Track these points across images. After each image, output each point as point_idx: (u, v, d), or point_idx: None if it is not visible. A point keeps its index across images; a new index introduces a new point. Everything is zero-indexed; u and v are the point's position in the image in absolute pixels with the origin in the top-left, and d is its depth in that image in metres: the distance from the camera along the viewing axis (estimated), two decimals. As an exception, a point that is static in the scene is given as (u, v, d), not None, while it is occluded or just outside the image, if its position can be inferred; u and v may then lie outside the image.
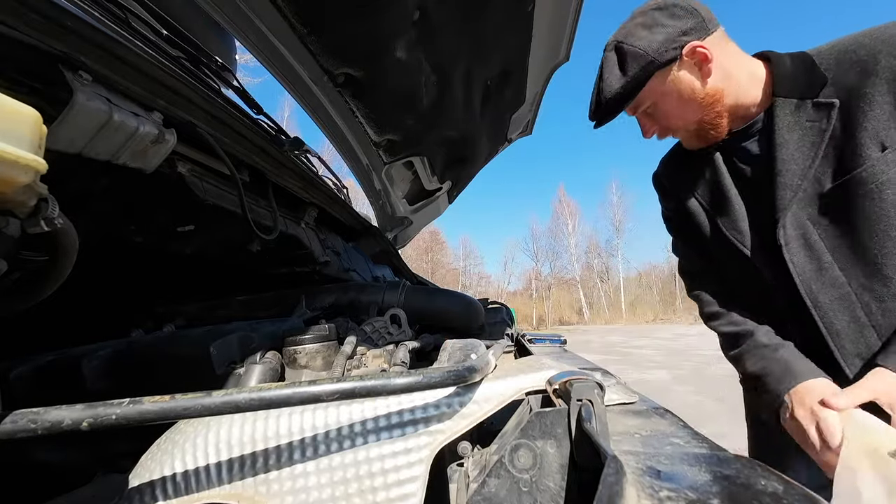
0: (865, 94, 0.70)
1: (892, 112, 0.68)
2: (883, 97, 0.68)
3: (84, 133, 0.48)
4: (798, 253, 0.77)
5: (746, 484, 0.26)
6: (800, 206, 0.77)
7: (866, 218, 0.71)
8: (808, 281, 0.77)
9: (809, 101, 0.75)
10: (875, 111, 0.69)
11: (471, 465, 0.51)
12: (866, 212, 0.71)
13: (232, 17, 1.15)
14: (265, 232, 0.88)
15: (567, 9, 1.33)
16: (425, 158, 2.01)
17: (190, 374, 0.61)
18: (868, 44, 0.71)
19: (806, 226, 0.77)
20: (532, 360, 0.55)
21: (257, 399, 0.34)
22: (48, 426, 0.31)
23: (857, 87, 0.71)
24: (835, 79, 0.73)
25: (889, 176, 0.69)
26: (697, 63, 0.79)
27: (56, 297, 0.44)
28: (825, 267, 0.76)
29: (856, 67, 0.71)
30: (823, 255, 0.76)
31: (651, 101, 0.84)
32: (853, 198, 0.72)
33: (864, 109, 0.70)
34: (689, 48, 0.78)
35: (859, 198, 0.71)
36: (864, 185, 0.70)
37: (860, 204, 0.71)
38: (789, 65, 0.79)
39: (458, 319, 1.02)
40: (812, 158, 0.75)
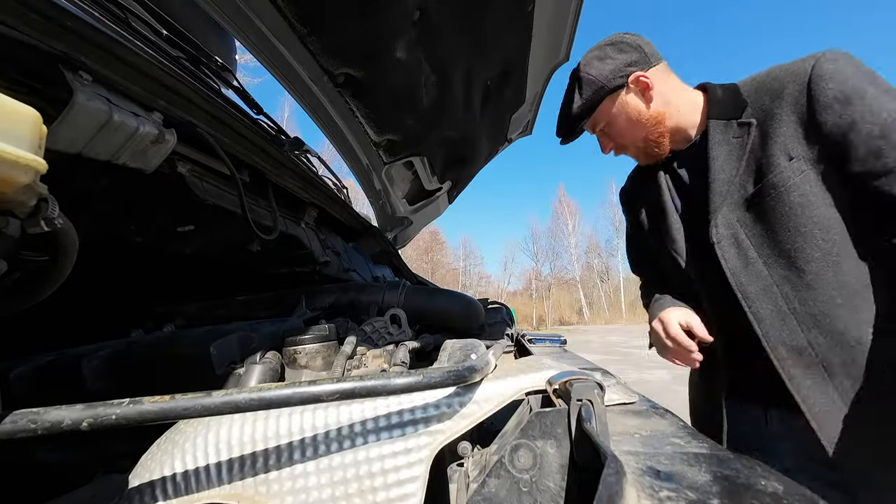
0: (776, 114, 0.83)
1: (796, 129, 0.81)
2: (788, 117, 0.82)
3: (84, 133, 0.48)
4: (728, 249, 0.88)
5: (746, 484, 0.26)
6: (729, 208, 0.89)
7: (779, 217, 0.82)
8: (738, 274, 0.87)
9: (735, 121, 0.90)
10: (783, 128, 0.82)
11: (471, 465, 0.51)
12: (778, 212, 0.82)
13: (232, 17, 1.15)
14: (265, 232, 0.88)
15: (567, 9, 1.33)
16: (425, 158, 2.01)
17: (190, 374, 0.61)
18: (779, 75, 0.85)
19: (734, 225, 0.88)
20: (532, 361, 0.55)
21: (257, 399, 0.34)
22: (48, 426, 0.31)
23: (769, 109, 0.85)
24: (753, 103, 0.88)
25: (794, 181, 0.80)
26: (641, 90, 0.95)
27: (56, 297, 0.44)
28: (751, 261, 0.86)
29: (769, 94, 0.86)
30: (749, 251, 0.86)
31: (605, 122, 1.01)
32: (768, 200, 0.83)
33: (774, 127, 0.83)
34: (633, 77, 0.95)
35: (773, 200, 0.83)
36: (776, 189, 0.82)
37: (774, 205, 0.83)
38: (720, 93, 0.94)
39: (458, 319, 1.02)
40: (737, 168, 0.88)
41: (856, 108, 0.75)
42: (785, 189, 0.81)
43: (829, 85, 0.77)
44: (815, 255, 0.79)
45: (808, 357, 0.79)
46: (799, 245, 0.80)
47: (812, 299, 0.79)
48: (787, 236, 0.81)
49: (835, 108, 0.76)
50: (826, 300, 0.78)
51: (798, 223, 0.80)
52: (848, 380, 0.76)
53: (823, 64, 0.79)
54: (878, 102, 0.74)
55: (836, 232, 0.78)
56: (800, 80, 0.80)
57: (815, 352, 0.79)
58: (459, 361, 0.55)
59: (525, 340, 1.14)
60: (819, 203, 0.79)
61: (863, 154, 0.74)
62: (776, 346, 0.82)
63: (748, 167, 0.86)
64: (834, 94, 0.76)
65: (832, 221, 0.78)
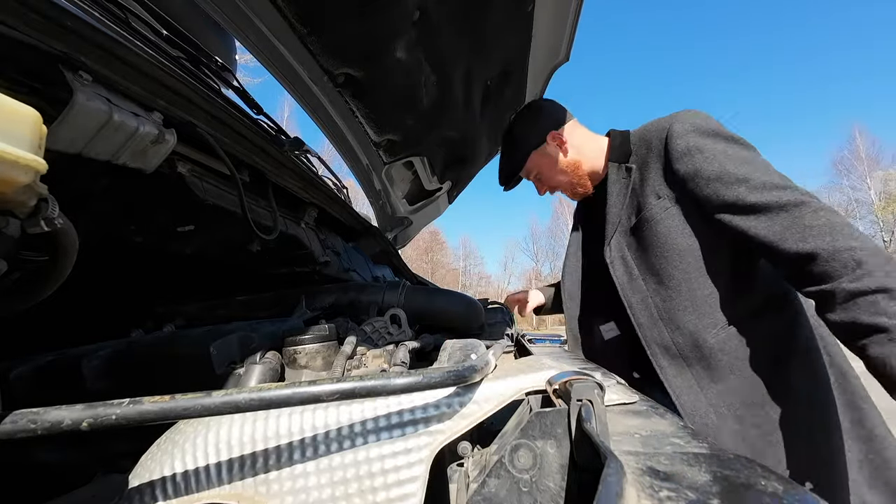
0: (648, 162, 1.07)
1: (661, 175, 1.04)
2: (656, 165, 1.05)
3: (84, 133, 0.48)
4: (619, 268, 1.11)
5: (746, 484, 0.26)
6: (619, 235, 1.12)
7: (651, 244, 1.04)
8: (625, 287, 1.09)
9: (623, 165, 1.13)
10: (652, 174, 1.05)
11: (471, 465, 0.51)
12: (651, 240, 1.04)
13: (232, 17, 1.15)
14: (265, 232, 0.88)
15: (567, 9, 1.33)
16: (425, 158, 2.01)
17: (190, 374, 0.61)
18: (651, 129, 1.08)
19: (623, 248, 1.11)
20: (532, 361, 0.55)
21: (257, 399, 0.34)
22: (48, 426, 0.31)
23: (645, 157, 1.08)
24: (636, 150, 1.11)
25: (661, 216, 1.02)
26: (557, 144, 1.20)
27: (56, 297, 0.44)
28: (634, 277, 1.08)
29: (645, 144, 1.09)
30: (633, 269, 1.09)
31: (536, 171, 1.26)
32: (644, 230, 1.05)
33: (648, 172, 1.06)
34: (550, 135, 1.20)
35: (647, 230, 1.05)
36: (648, 222, 1.04)
37: (647, 234, 1.04)
38: (618, 140, 1.17)
39: (458, 319, 1.02)
40: (623, 203, 1.11)
41: (696, 160, 0.96)
42: (654, 222, 1.03)
43: (678, 142, 0.99)
44: (674, 273, 1.00)
45: (672, 352, 1.01)
46: (664, 266, 1.02)
47: (673, 308, 1.01)
48: (656, 259, 1.03)
49: (684, 159, 0.98)
50: (681, 309, 1.00)
51: (663, 249, 1.02)
52: (702, 368, 0.98)
53: (675, 125, 1.01)
54: (713, 154, 0.95)
55: (690, 255, 0.99)
56: (661, 137, 1.03)
57: (677, 348, 1.01)
58: (459, 361, 0.55)
59: (525, 340, 1.14)
60: (678, 234, 1.00)
61: (706, 194, 0.95)
62: (650, 344, 1.04)
63: (631, 202, 1.10)
64: (681, 149, 0.98)
65: (687, 248, 1.00)
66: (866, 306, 0.75)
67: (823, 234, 0.80)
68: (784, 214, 0.85)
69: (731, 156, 0.93)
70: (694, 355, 0.98)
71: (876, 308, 0.74)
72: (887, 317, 0.73)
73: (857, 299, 0.76)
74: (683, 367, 1.00)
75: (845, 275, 0.78)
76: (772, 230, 0.86)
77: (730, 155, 0.94)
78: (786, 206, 0.85)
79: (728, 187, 0.91)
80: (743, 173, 0.90)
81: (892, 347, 0.72)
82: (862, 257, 0.77)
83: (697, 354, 0.98)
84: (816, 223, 0.82)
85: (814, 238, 0.81)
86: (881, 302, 0.74)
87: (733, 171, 0.91)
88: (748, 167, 0.91)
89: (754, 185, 0.89)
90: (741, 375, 0.95)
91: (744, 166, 0.92)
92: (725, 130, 0.98)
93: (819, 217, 0.82)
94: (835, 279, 0.79)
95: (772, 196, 0.87)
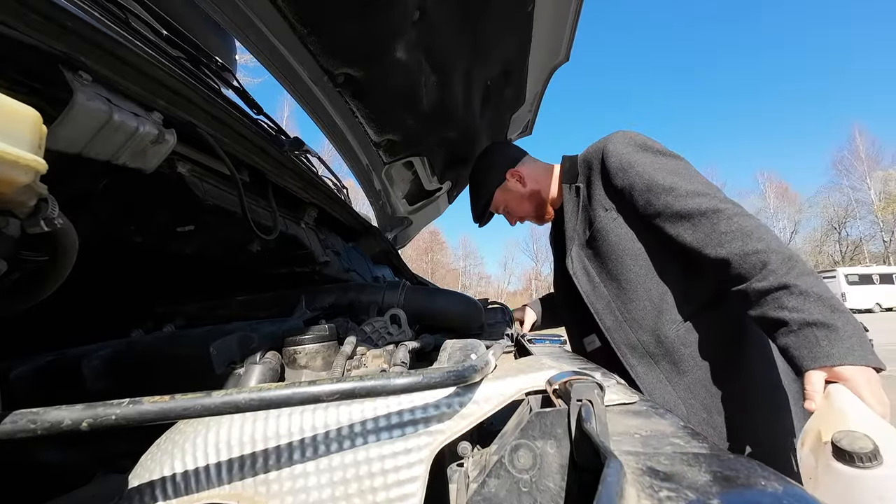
0: (592, 180, 1.17)
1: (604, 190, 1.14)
2: (598, 182, 1.15)
3: (84, 133, 0.48)
4: (581, 277, 1.19)
5: (746, 484, 0.26)
6: (578, 247, 1.21)
7: (606, 252, 1.12)
8: (589, 295, 1.17)
9: (573, 185, 1.24)
10: (598, 190, 1.15)
11: (471, 465, 0.51)
12: (605, 248, 1.13)
13: (232, 17, 1.15)
14: (265, 232, 0.88)
15: (567, 9, 1.33)
16: (425, 158, 2.00)
17: (190, 375, 0.60)
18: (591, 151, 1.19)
19: (583, 259, 1.20)
20: (532, 361, 0.55)
21: (257, 399, 0.34)
22: (48, 426, 0.31)
23: (589, 176, 1.19)
24: (581, 171, 1.22)
25: (610, 226, 1.12)
26: (518, 179, 1.34)
27: (56, 297, 0.44)
28: (596, 285, 1.16)
29: (587, 165, 1.19)
30: (594, 278, 1.17)
31: (503, 205, 1.41)
32: (598, 240, 1.14)
33: (594, 189, 1.17)
34: (509, 173, 1.35)
35: (600, 240, 1.14)
36: (600, 233, 1.13)
37: (601, 244, 1.13)
38: (567, 164, 1.28)
39: (457, 319, 1.02)
40: (577, 218, 1.22)
41: (629, 174, 1.05)
42: (606, 232, 1.12)
43: (612, 160, 1.09)
44: (630, 276, 1.08)
45: (639, 350, 1.08)
46: (619, 270, 1.10)
47: (633, 309, 1.08)
48: (612, 265, 1.11)
49: (619, 175, 1.08)
50: (641, 308, 1.07)
51: (617, 255, 1.10)
52: (667, 363, 1.04)
53: (608, 145, 1.11)
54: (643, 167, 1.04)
55: (642, 258, 1.08)
56: (598, 157, 1.14)
57: (643, 346, 1.07)
58: (459, 361, 0.55)
59: (525, 340, 1.14)
60: (627, 240, 1.09)
61: (641, 204, 1.04)
62: (619, 346, 1.11)
63: (584, 217, 1.20)
64: (616, 165, 1.08)
65: (638, 252, 1.08)
66: (772, 302, 0.85)
67: (735, 238, 0.90)
68: (704, 221, 0.94)
69: (658, 167, 1.02)
70: (659, 351, 1.05)
71: (778, 303, 0.84)
72: (787, 311, 0.83)
73: (766, 297, 0.86)
74: (651, 364, 1.06)
75: (754, 275, 0.87)
76: (695, 237, 0.95)
77: (657, 167, 1.03)
78: (706, 212, 0.94)
79: (657, 197, 1.00)
80: (669, 183, 0.99)
81: (792, 338, 0.82)
82: (766, 259, 0.86)
83: (661, 350, 1.05)
84: (730, 229, 0.91)
85: (728, 243, 0.90)
86: (782, 297, 0.84)
87: (661, 181, 1.00)
88: (675, 177, 1.00)
89: (679, 194, 0.98)
90: (704, 366, 1.02)
91: (671, 177, 1.00)
92: (654, 144, 1.08)
93: (732, 223, 0.91)
94: (747, 280, 0.88)
95: (694, 203, 0.96)
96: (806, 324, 0.80)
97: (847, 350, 0.77)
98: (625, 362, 1.08)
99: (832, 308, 0.81)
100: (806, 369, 0.80)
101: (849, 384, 0.75)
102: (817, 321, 0.80)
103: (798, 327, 0.81)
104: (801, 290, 0.82)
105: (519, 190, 1.34)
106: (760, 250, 0.86)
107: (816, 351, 0.79)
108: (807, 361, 0.80)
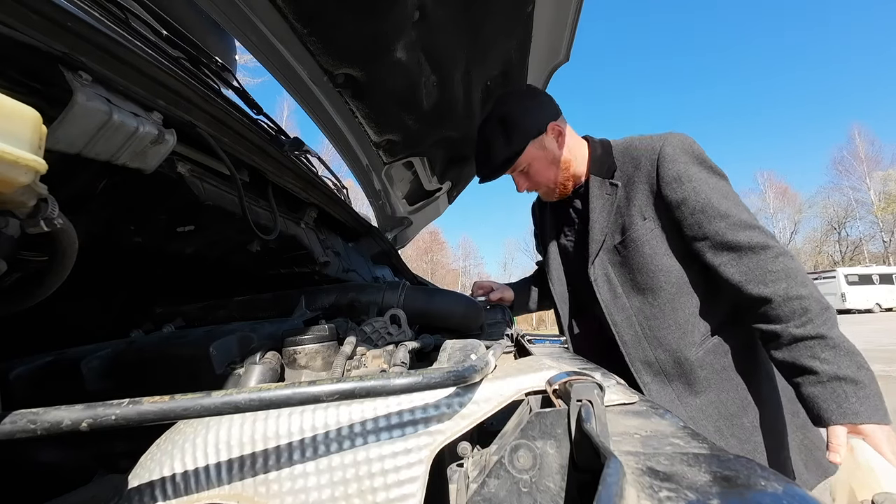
0: (635, 181, 1.07)
1: (648, 196, 1.05)
2: (643, 185, 1.05)
3: (84, 133, 0.48)
4: (603, 286, 1.12)
5: (746, 484, 0.26)
6: (603, 253, 1.12)
7: (637, 263, 1.06)
8: (609, 305, 1.11)
9: (608, 180, 1.12)
10: (639, 194, 1.06)
11: (470, 465, 0.51)
12: (636, 259, 1.06)
13: (232, 17, 1.15)
14: (265, 232, 0.88)
15: (567, 9, 1.33)
16: (425, 158, 2.01)
17: (189, 375, 0.60)
18: (639, 147, 1.08)
19: (607, 267, 1.12)
20: (532, 361, 0.55)
21: (257, 399, 0.34)
22: (47, 426, 0.31)
23: (631, 176, 1.08)
24: (620, 167, 1.10)
25: (647, 237, 1.05)
26: (556, 137, 1.14)
27: (56, 297, 0.44)
28: (618, 295, 1.10)
29: (631, 162, 1.08)
30: (617, 288, 1.11)
31: (527, 164, 1.16)
32: (630, 250, 1.07)
33: (634, 192, 1.07)
34: (551, 125, 1.12)
35: (632, 250, 1.07)
36: (634, 242, 1.06)
37: (633, 254, 1.07)
38: (599, 151, 1.15)
39: (457, 320, 1.02)
40: (608, 220, 1.11)
41: (684, 188, 0.99)
42: (640, 243, 1.05)
43: (669, 167, 1.00)
44: (659, 293, 1.04)
45: (655, 368, 1.06)
46: (649, 286, 1.05)
47: (657, 326, 1.05)
48: (642, 278, 1.06)
49: (673, 185, 1.00)
50: (665, 327, 1.04)
51: (649, 269, 1.05)
52: (681, 384, 1.03)
53: (666, 148, 1.02)
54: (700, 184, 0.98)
55: (675, 276, 1.04)
56: (651, 158, 1.04)
57: (659, 364, 1.05)
58: (459, 362, 0.55)
59: (525, 341, 1.14)
60: (663, 254, 1.04)
61: (689, 223, 0.99)
62: (634, 362, 1.08)
63: (616, 221, 1.10)
64: (672, 174, 1.00)
65: (672, 268, 1.04)
66: (805, 350, 0.86)
67: (780, 279, 0.89)
68: (751, 255, 0.93)
69: (714, 188, 0.99)
70: (675, 371, 1.04)
71: (812, 352, 0.85)
72: (819, 361, 0.84)
73: (799, 343, 0.87)
74: (665, 382, 1.05)
75: (793, 320, 0.87)
76: (739, 270, 0.94)
77: (713, 187, 0.99)
78: (755, 247, 0.93)
79: (710, 221, 0.96)
80: (724, 209, 0.96)
81: (820, 389, 0.83)
82: (808, 306, 0.87)
83: (678, 370, 1.03)
84: (776, 268, 0.90)
85: (773, 283, 0.90)
86: (816, 347, 0.85)
87: (716, 204, 0.96)
88: (729, 203, 0.97)
89: (732, 223, 0.95)
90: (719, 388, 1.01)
91: (725, 202, 0.97)
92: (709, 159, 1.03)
93: (778, 263, 0.91)
94: (783, 322, 0.89)
95: (745, 236, 0.94)
96: (836, 378, 0.82)
97: (873, 409, 0.79)
98: (638, 378, 1.07)
99: (859, 365, 0.82)
100: (833, 423, 0.81)
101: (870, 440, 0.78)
102: (847, 376, 0.81)
103: (827, 379, 0.82)
104: (835, 344, 0.84)
105: (553, 151, 1.14)
106: (804, 296, 0.87)
107: (846, 407, 0.80)
108: (835, 416, 0.81)
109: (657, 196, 1.04)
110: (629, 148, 1.10)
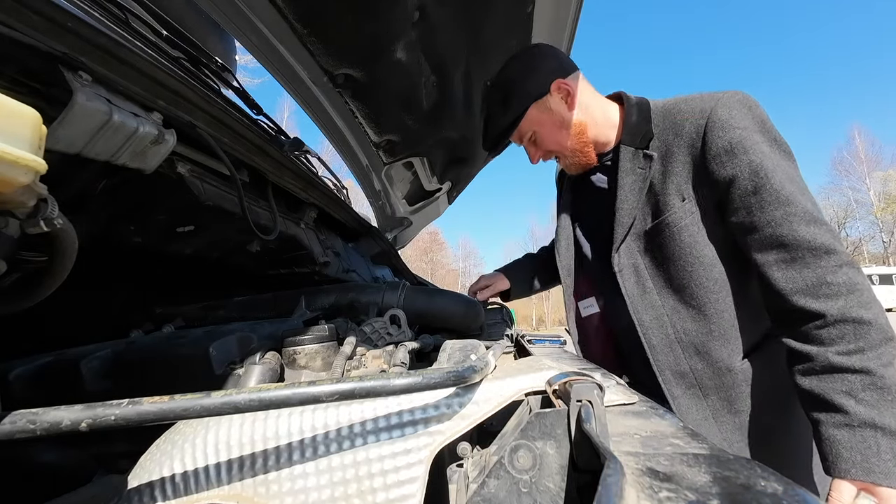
0: (673, 152, 0.87)
1: (689, 170, 0.86)
2: (684, 157, 0.86)
3: (84, 133, 0.48)
4: (629, 278, 0.94)
5: (746, 484, 0.26)
6: (631, 239, 0.94)
7: (672, 253, 0.88)
8: (635, 301, 0.93)
9: (641, 151, 0.92)
10: (677, 168, 0.87)
11: (470, 465, 0.51)
12: (671, 248, 0.88)
13: (232, 17, 1.15)
14: (265, 232, 0.88)
15: (567, 9, 1.33)
16: (425, 159, 2.01)
17: (189, 375, 0.60)
18: (684, 108, 0.87)
19: (635, 255, 0.94)
20: (532, 361, 0.55)
21: (257, 400, 0.34)
22: (47, 426, 0.31)
23: (670, 145, 0.88)
24: (658, 133, 0.90)
25: (686, 222, 0.86)
26: (563, 96, 0.97)
27: (56, 298, 0.44)
28: (647, 291, 0.93)
29: (672, 128, 0.88)
30: (647, 282, 0.93)
31: (532, 130, 1.01)
32: (663, 237, 0.89)
33: (672, 165, 0.87)
34: (555, 84, 0.96)
35: (667, 237, 0.88)
36: (670, 228, 0.88)
37: (667, 242, 0.88)
38: (635, 117, 0.95)
39: (457, 320, 1.02)
40: (638, 200, 0.92)
41: (739, 161, 0.79)
42: (678, 229, 0.87)
43: (720, 134, 0.81)
44: (698, 291, 0.87)
45: (689, 380, 0.89)
46: (686, 281, 0.88)
47: (694, 331, 0.88)
48: (677, 272, 0.88)
49: (722, 158, 0.81)
50: (705, 332, 0.87)
51: (686, 261, 0.87)
52: (719, 399, 0.87)
53: (719, 111, 0.82)
54: (759, 159, 0.78)
55: (717, 271, 0.86)
56: (698, 122, 0.84)
57: (695, 376, 0.88)
58: (459, 362, 0.55)
59: (524, 341, 1.14)
60: (704, 244, 0.86)
61: (737, 206, 0.81)
62: (663, 370, 0.91)
63: (648, 201, 0.92)
64: (723, 144, 0.80)
65: (714, 261, 0.86)
66: (840, 383, 0.70)
67: (840, 294, 0.72)
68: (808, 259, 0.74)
69: (777, 165, 0.78)
70: (713, 384, 0.87)
71: (849, 388, 0.70)
72: (856, 401, 0.69)
73: (836, 374, 0.71)
74: (699, 397, 0.88)
75: (836, 344, 0.71)
76: (788, 275, 0.76)
77: (776, 164, 0.78)
78: (816, 249, 0.74)
79: (764, 207, 0.77)
80: (786, 194, 0.76)
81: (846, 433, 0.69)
82: (865, 332, 0.70)
83: (718, 384, 0.87)
84: (837, 280, 0.72)
85: (828, 298, 0.72)
86: (857, 383, 0.69)
87: (777, 186, 0.76)
88: (793, 187, 0.77)
89: (792, 213, 0.75)
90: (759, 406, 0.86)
91: (789, 184, 0.77)
92: (774, 128, 0.83)
93: (840, 274, 0.73)
94: (825, 345, 0.72)
95: (806, 232, 0.74)
96: (872, 425, 0.67)
97: None
98: (666, 388, 0.90)
99: None
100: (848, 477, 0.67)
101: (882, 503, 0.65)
102: (887, 427, 0.66)
103: (859, 424, 0.67)
104: (884, 385, 0.68)
105: (561, 113, 0.97)
106: (865, 321, 0.70)
107: (873, 463, 0.66)
108: (855, 470, 0.67)
109: (701, 171, 0.84)
110: (672, 110, 0.89)
